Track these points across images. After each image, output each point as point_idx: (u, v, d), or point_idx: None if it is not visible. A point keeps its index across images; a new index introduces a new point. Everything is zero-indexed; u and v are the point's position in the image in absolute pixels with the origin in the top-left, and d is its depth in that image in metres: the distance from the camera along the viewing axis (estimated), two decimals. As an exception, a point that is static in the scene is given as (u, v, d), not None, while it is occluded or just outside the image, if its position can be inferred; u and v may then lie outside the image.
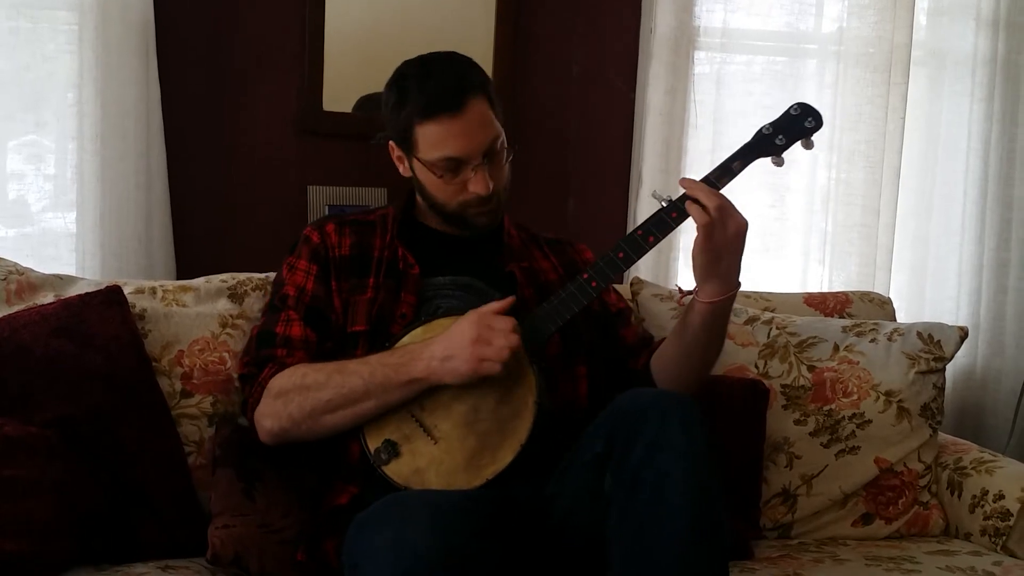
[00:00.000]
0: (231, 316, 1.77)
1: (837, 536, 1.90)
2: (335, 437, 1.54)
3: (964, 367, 2.59)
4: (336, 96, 2.23)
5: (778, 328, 1.98)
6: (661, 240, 1.52)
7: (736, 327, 1.96)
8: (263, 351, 1.59)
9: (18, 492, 1.45)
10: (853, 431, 1.91)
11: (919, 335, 1.97)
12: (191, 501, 1.64)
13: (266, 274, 1.82)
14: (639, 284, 2.05)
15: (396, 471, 1.47)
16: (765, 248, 2.51)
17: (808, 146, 1.55)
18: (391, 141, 1.65)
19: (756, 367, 1.93)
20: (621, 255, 1.50)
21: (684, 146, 2.37)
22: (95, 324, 1.64)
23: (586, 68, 2.39)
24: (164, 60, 2.10)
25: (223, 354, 1.73)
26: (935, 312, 2.56)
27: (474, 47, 2.25)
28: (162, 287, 1.79)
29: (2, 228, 2.10)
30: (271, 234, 2.17)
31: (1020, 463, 1.96)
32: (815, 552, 1.80)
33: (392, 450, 1.48)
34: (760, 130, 1.55)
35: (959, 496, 1.93)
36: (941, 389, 1.98)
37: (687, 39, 2.35)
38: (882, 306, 2.17)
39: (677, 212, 1.50)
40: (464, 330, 1.43)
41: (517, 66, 2.31)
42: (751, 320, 1.99)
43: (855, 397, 1.92)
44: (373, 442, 1.50)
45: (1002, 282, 2.60)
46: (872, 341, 1.97)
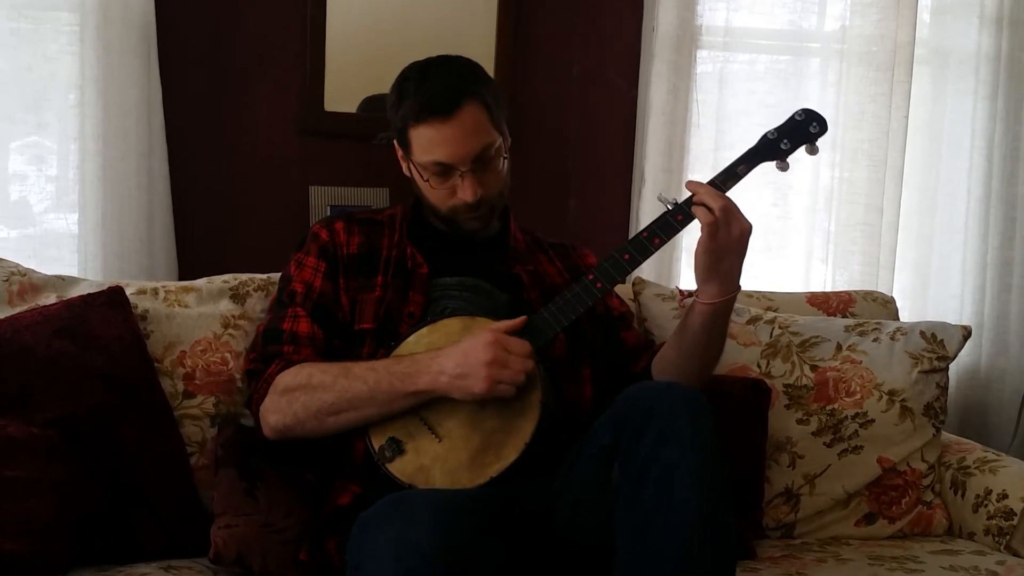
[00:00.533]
0: (233, 317, 1.77)
1: (840, 536, 1.89)
2: (339, 436, 1.54)
3: (968, 366, 2.58)
4: (338, 96, 2.23)
5: (780, 328, 1.97)
6: (666, 242, 1.53)
7: (738, 326, 1.96)
8: (270, 347, 1.59)
9: (19, 492, 1.45)
10: (856, 431, 1.91)
11: (922, 334, 1.97)
12: (193, 502, 1.64)
13: (268, 275, 1.82)
14: (641, 284, 2.04)
15: (400, 469, 1.48)
16: (768, 247, 2.50)
17: (813, 151, 1.57)
18: (395, 140, 1.66)
19: (758, 367, 1.93)
20: (627, 257, 1.51)
21: (686, 145, 2.37)
22: (97, 325, 1.64)
23: (588, 67, 2.39)
24: (166, 60, 2.10)
25: (225, 355, 1.73)
26: (939, 311, 2.56)
27: (475, 46, 2.26)
28: (164, 288, 1.80)
29: (4, 229, 2.10)
30: (273, 234, 2.17)
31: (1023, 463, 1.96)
32: (818, 552, 1.80)
33: (396, 448, 1.48)
34: (765, 135, 1.56)
35: (962, 496, 1.92)
36: (944, 388, 1.97)
37: (689, 38, 2.35)
38: (885, 305, 2.16)
39: (683, 215, 1.51)
40: (480, 351, 1.42)
41: (518, 65, 2.31)
42: (754, 320, 1.99)
43: (858, 396, 1.92)
44: (377, 440, 1.50)
45: (1006, 281, 2.59)
46: (875, 340, 1.96)
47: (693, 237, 1.51)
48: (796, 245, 2.53)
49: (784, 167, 1.56)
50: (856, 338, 1.97)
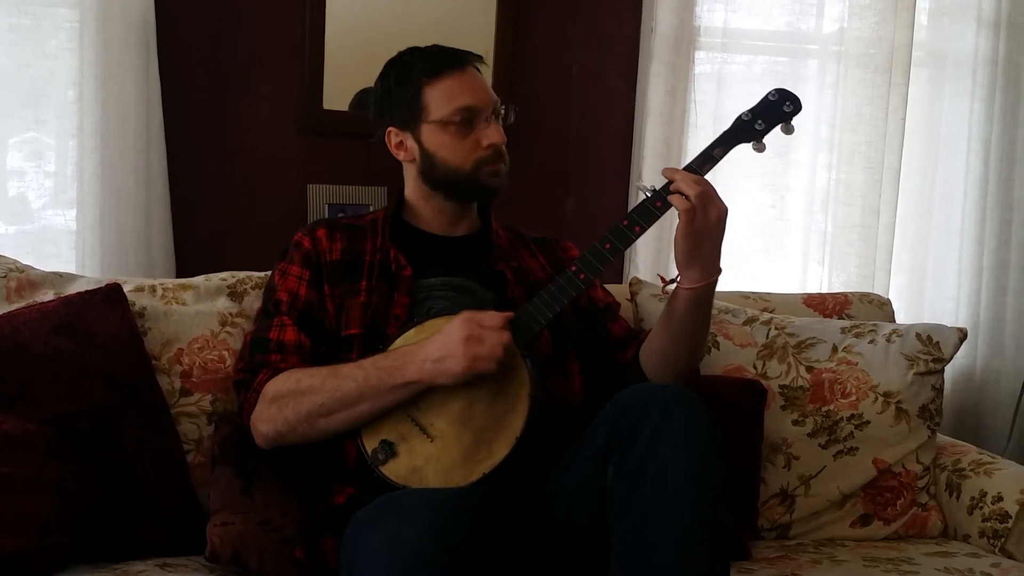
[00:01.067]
0: (231, 314, 1.77)
1: (835, 537, 1.90)
2: (331, 441, 1.54)
3: (963, 368, 2.59)
4: (336, 95, 2.23)
5: (777, 329, 1.98)
6: (647, 229, 1.53)
7: (735, 327, 1.97)
8: (257, 356, 1.59)
9: (16, 489, 1.45)
10: (851, 432, 1.91)
11: (918, 336, 1.97)
12: (190, 499, 1.64)
13: (265, 273, 1.82)
14: (638, 284, 2.05)
15: (394, 471, 1.48)
16: (765, 248, 2.51)
17: (788, 131, 1.57)
18: (391, 127, 1.67)
19: (754, 367, 1.93)
20: (608, 246, 1.52)
21: (684, 146, 2.37)
22: (95, 322, 1.64)
23: (586, 68, 2.39)
24: (165, 58, 2.10)
25: (222, 352, 1.73)
26: (935, 313, 2.56)
27: (474, 45, 2.24)
28: (162, 285, 1.80)
29: (2, 225, 2.10)
30: (271, 232, 2.17)
31: (1019, 465, 1.96)
32: (813, 553, 1.80)
33: (389, 450, 1.49)
34: (740, 116, 1.56)
35: (957, 498, 1.93)
36: (940, 390, 1.98)
37: (688, 39, 2.35)
38: (881, 307, 2.17)
39: (662, 201, 1.51)
40: (455, 330, 1.44)
41: (517, 65, 2.32)
42: (750, 320, 1.99)
43: (853, 398, 1.92)
44: (370, 443, 1.50)
45: (1002, 283, 2.60)
46: (871, 342, 1.97)
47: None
48: (793, 246, 2.53)
49: (760, 148, 1.55)
50: (852, 340, 1.97)
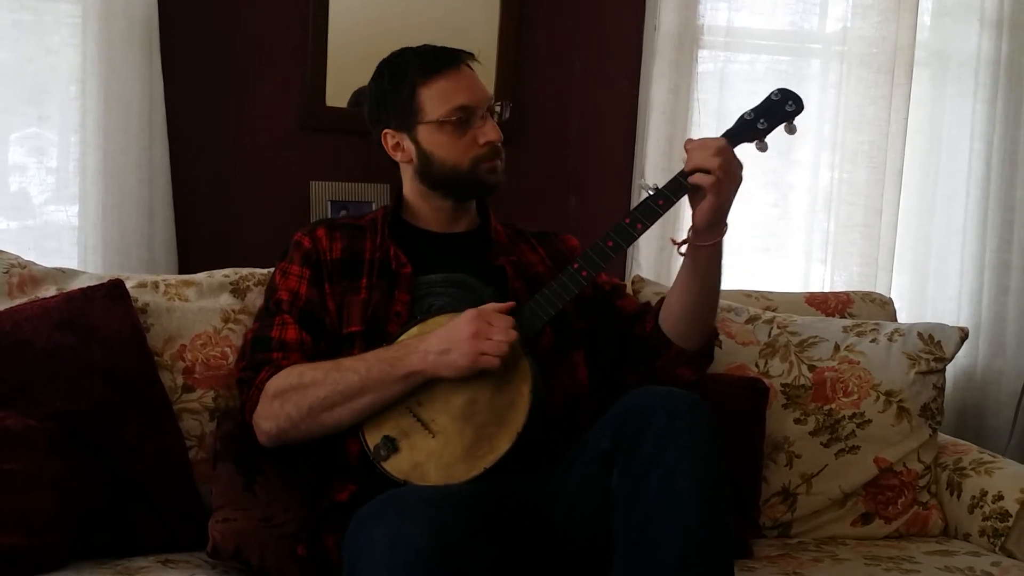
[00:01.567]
0: (233, 311, 1.77)
1: (836, 535, 1.90)
2: (333, 438, 1.55)
3: (965, 368, 2.59)
4: (339, 92, 2.23)
5: (779, 327, 1.98)
6: (649, 227, 1.54)
7: (737, 326, 1.97)
8: (259, 355, 1.60)
9: (18, 486, 1.45)
10: (853, 431, 1.91)
11: (920, 335, 1.97)
12: (191, 497, 1.64)
13: (268, 269, 1.82)
14: (640, 283, 2.05)
15: (396, 466, 1.48)
16: (767, 247, 2.51)
17: (791, 131, 1.58)
18: (387, 130, 1.68)
19: (756, 366, 1.94)
20: (610, 244, 1.52)
21: (686, 145, 2.37)
22: (97, 318, 1.64)
23: (589, 65, 2.39)
24: (167, 55, 2.10)
25: (225, 349, 1.73)
26: (936, 312, 2.56)
27: (477, 44, 2.24)
28: (164, 281, 1.80)
29: (4, 220, 2.10)
30: (273, 229, 2.17)
31: (1019, 464, 1.96)
32: (814, 551, 1.81)
33: (391, 446, 1.49)
34: (742, 116, 1.57)
35: (958, 496, 1.93)
36: (941, 390, 1.98)
37: (691, 37, 2.35)
38: (883, 306, 2.17)
39: (664, 199, 1.52)
40: (463, 325, 1.45)
41: (520, 63, 2.32)
42: (752, 319, 1.99)
43: (855, 397, 1.93)
44: (372, 439, 1.50)
45: (1003, 283, 2.60)
46: (873, 341, 1.97)
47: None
48: (795, 245, 2.53)
49: (763, 147, 1.57)
50: (854, 338, 1.97)
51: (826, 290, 2.41)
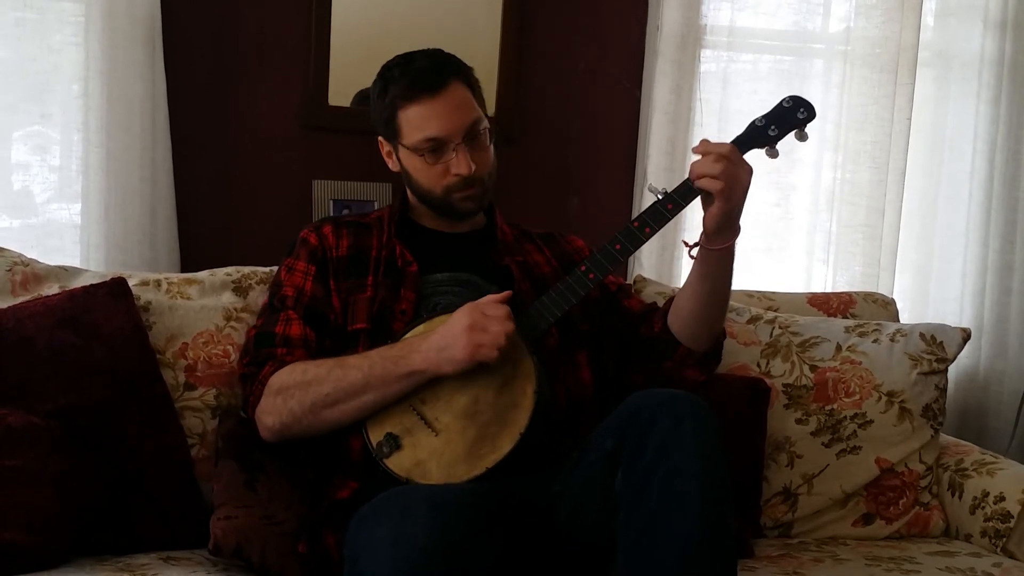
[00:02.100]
0: (235, 309, 1.77)
1: (837, 536, 1.90)
2: (335, 435, 1.55)
3: (967, 368, 2.59)
4: (341, 90, 2.23)
5: (781, 327, 1.98)
6: (657, 231, 1.54)
7: (739, 326, 1.97)
8: (263, 350, 1.60)
9: (20, 482, 1.46)
10: (854, 431, 1.91)
11: (922, 336, 1.97)
12: (192, 494, 1.64)
13: (270, 268, 1.83)
14: (642, 282, 2.05)
15: (398, 464, 1.48)
16: (769, 247, 2.51)
17: (801, 138, 1.58)
18: (380, 137, 1.69)
19: (758, 366, 1.94)
20: (618, 247, 1.53)
21: (689, 144, 2.37)
22: (100, 316, 1.64)
23: (591, 65, 2.39)
24: (170, 53, 2.10)
25: (227, 347, 1.73)
26: (938, 313, 2.56)
27: (480, 42, 2.27)
28: (167, 279, 1.80)
29: (7, 219, 2.10)
30: (276, 228, 2.17)
31: (1021, 465, 1.96)
32: (815, 551, 1.81)
33: (393, 443, 1.49)
34: (753, 122, 1.57)
35: (960, 497, 1.93)
36: (943, 390, 1.98)
37: (694, 37, 2.35)
38: (885, 307, 2.17)
39: (672, 203, 1.52)
40: (459, 319, 1.45)
41: (522, 62, 2.32)
42: (754, 319, 1.99)
43: (857, 397, 1.92)
44: (375, 436, 1.51)
45: (1006, 284, 2.60)
46: (875, 342, 1.97)
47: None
48: (797, 245, 2.53)
49: (773, 154, 1.57)
50: (856, 339, 1.97)
51: (828, 290, 2.40)
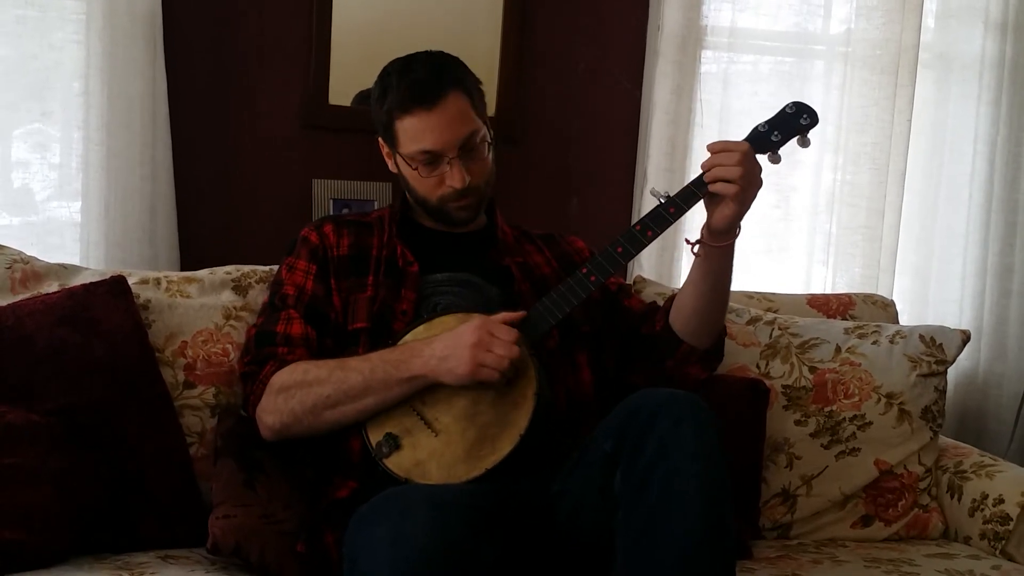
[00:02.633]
0: (235, 308, 1.77)
1: (836, 537, 1.90)
2: (335, 434, 1.55)
3: (966, 371, 2.59)
4: (342, 90, 2.23)
5: (780, 329, 1.98)
6: (659, 235, 1.54)
7: (738, 327, 1.97)
8: (264, 349, 1.60)
9: (19, 481, 1.45)
10: (854, 433, 1.91)
11: (921, 338, 1.97)
12: (191, 493, 1.64)
13: (270, 267, 1.83)
14: (642, 283, 2.05)
15: (397, 464, 1.48)
16: (769, 249, 2.50)
17: (804, 144, 1.57)
18: (380, 139, 1.69)
19: (757, 367, 1.94)
20: (620, 250, 1.53)
21: (689, 145, 2.37)
22: (99, 314, 1.64)
23: (592, 66, 2.39)
24: (171, 51, 2.10)
25: (226, 345, 1.73)
26: (938, 315, 2.56)
27: (481, 42, 2.27)
28: (166, 278, 1.80)
29: (7, 216, 2.10)
30: (276, 227, 2.17)
31: (1020, 467, 1.96)
32: (814, 553, 1.81)
33: (393, 443, 1.49)
34: (756, 128, 1.57)
35: (959, 499, 1.93)
36: (942, 392, 1.98)
37: (694, 38, 2.35)
38: (885, 308, 2.17)
39: (675, 207, 1.52)
40: (465, 334, 1.45)
41: (523, 63, 2.31)
42: (753, 320, 1.99)
43: (856, 399, 1.92)
44: (375, 436, 1.51)
45: (1006, 286, 2.60)
46: (874, 343, 1.97)
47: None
48: (797, 247, 2.53)
49: (776, 160, 1.56)
50: (855, 340, 1.97)
51: (828, 292, 2.40)
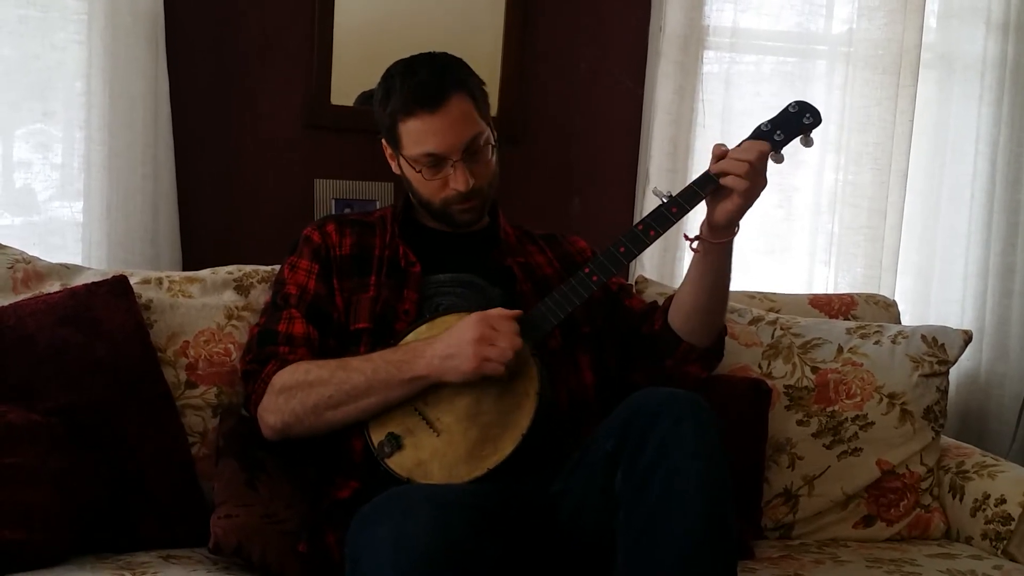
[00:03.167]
0: (237, 308, 1.77)
1: (838, 537, 1.90)
2: (337, 434, 1.55)
3: (968, 371, 2.59)
4: (344, 89, 2.23)
5: (782, 329, 1.98)
6: (662, 234, 1.54)
7: (740, 327, 1.97)
8: (266, 348, 1.60)
9: (20, 480, 1.46)
10: (856, 433, 1.91)
11: (923, 338, 1.97)
12: (193, 493, 1.64)
13: (272, 266, 1.83)
14: (644, 283, 2.05)
15: (399, 463, 1.48)
16: (771, 249, 2.50)
17: (807, 143, 1.57)
18: (383, 140, 1.69)
19: (760, 367, 1.94)
20: (622, 249, 1.53)
21: (691, 146, 2.37)
22: (101, 314, 1.64)
23: (594, 66, 2.39)
24: (173, 51, 2.10)
25: (228, 345, 1.73)
26: (940, 315, 2.56)
27: (483, 42, 2.27)
28: (168, 278, 1.80)
29: (9, 216, 2.10)
30: (277, 226, 2.17)
31: (1022, 468, 1.96)
32: (816, 553, 1.81)
33: (395, 443, 1.49)
34: (759, 127, 1.56)
35: (961, 500, 1.93)
36: (944, 392, 1.98)
37: (696, 38, 2.35)
38: (887, 308, 2.17)
39: (677, 207, 1.52)
40: (467, 329, 1.45)
41: (525, 63, 2.31)
42: (755, 320, 1.99)
43: (858, 399, 1.92)
44: (377, 435, 1.51)
45: (1008, 286, 2.59)
46: (876, 343, 1.97)
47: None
48: (799, 247, 2.53)
49: (779, 159, 1.56)
50: (857, 340, 1.97)
51: (830, 292, 2.40)
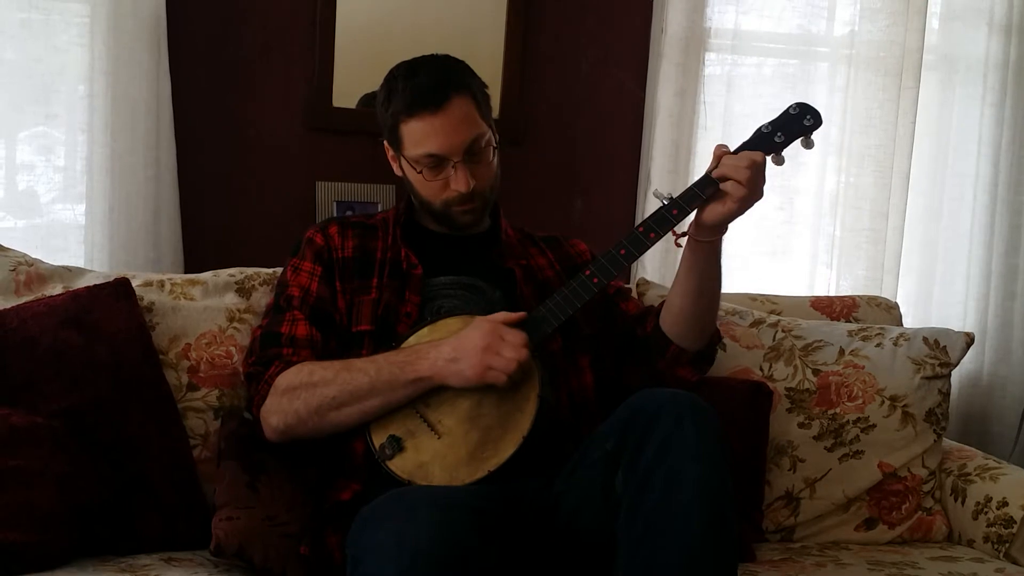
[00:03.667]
0: (238, 310, 1.78)
1: (840, 540, 1.90)
2: (339, 436, 1.55)
3: (970, 373, 2.58)
4: (346, 92, 2.23)
5: (784, 331, 1.98)
6: (662, 237, 1.54)
7: (742, 329, 1.97)
8: (269, 350, 1.60)
9: (23, 482, 1.46)
10: (857, 435, 1.91)
11: (925, 340, 1.97)
12: (195, 495, 1.64)
13: (274, 269, 1.83)
14: (645, 285, 2.05)
15: (400, 466, 1.48)
16: (773, 251, 2.50)
17: (808, 145, 1.57)
18: (385, 141, 1.69)
19: (761, 369, 1.94)
20: (623, 252, 1.53)
21: (693, 147, 2.37)
22: (103, 316, 1.65)
23: (596, 68, 2.39)
24: (175, 54, 2.11)
25: (230, 348, 1.74)
26: (942, 317, 2.55)
27: (484, 43, 2.27)
28: (170, 280, 1.80)
29: (11, 219, 2.10)
30: (279, 229, 2.17)
31: (1024, 470, 1.96)
32: (817, 556, 1.80)
33: (396, 445, 1.49)
34: (759, 129, 1.56)
35: (962, 502, 1.93)
36: (946, 395, 1.98)
37: (698, 40, 2.35)
38: (889, 311, 2.17)
39: (678, 209, 1.52)
40: (475, 336, 1.45)
41: (527, 64, 2.32)
42: (757, 323, 1.99)
43: (860, 401, 1.92)
44: (378, 438, 1.51)
45: (1010, 288, 2.59)
46: (878, 346, 1.97)
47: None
48: (801, 249, 2.52)
49: (779, 161, 1.55)
50: (859, 343, 1.97)
51: (831, 294, 2.40)
